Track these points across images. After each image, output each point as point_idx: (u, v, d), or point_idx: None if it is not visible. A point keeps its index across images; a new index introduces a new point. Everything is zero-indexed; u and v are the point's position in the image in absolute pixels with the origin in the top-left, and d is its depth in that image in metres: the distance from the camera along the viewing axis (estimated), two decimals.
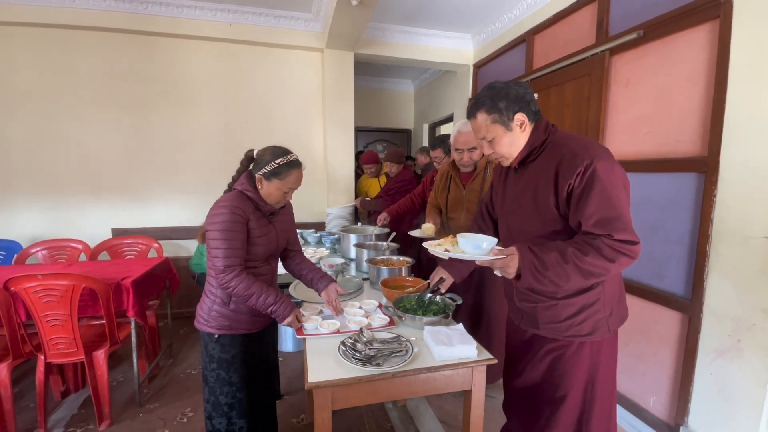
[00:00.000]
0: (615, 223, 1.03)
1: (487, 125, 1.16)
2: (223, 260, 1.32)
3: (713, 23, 1.72)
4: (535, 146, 1.18)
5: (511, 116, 1.15)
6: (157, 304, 2.73)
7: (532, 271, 1.07)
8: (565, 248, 1.06)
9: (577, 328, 1.19)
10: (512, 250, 1.11)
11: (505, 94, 1.14)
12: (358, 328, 1.34)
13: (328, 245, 2.99)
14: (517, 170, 1.28)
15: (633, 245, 1.04)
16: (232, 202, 1.36)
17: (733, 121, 1.64)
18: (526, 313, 1.30)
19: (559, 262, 1.05)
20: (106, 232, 3.37)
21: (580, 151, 1.08)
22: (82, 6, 3.02)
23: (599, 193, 1.04)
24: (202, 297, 1.50)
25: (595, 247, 1.03)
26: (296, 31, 3.53)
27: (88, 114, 3.24)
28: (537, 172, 1.19)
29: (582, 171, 1.06)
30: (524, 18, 3.08)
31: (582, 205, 1.06)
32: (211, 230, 1.34)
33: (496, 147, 1.19)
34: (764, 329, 1.55)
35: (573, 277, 1.06)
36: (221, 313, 1.43)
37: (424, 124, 5.54)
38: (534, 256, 1.07)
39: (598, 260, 1.03)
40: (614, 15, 2.27)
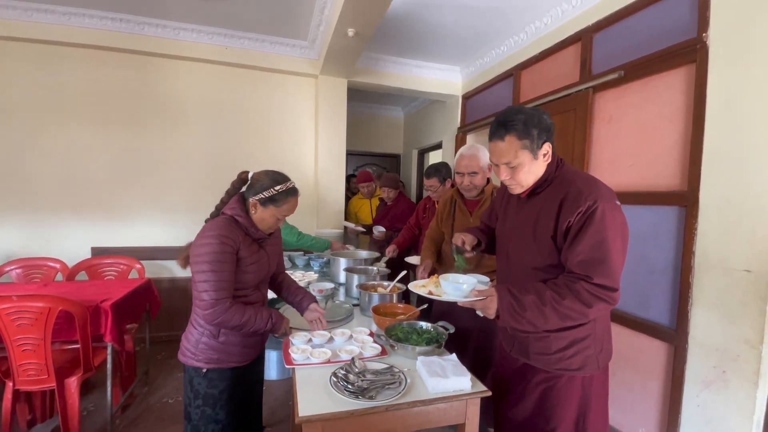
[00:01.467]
0: (598, 266, 1.04)
1: (516, 150, 1.12)
2: (213, 294, 1.25)
3: (690, 67, 1.84)
4: (546, 179, 1.18)
5: (540, 145, 1.13)
6: (135, 327, 2.61)
7: (511, 312, 1.10)
8: (544, 291, 1.08)
9: (567, 361, 1.19)
10: (491, 291, 1.14)
11: (537, 121, 1.11)
12: (349, 358, 1.31)
13: (317, 268, 2.95)
14: (520, 199, 1.28)
15: (611, 291, 1.05)
16: (220, 230, 1.28)
17: (711, 158, 1.73)
18: (518, 342, 1.30)
19: (537, 304, 1.07)
20: (86, 250, 3.26)
21: (586, 190, 1.09)
22: (77, 24, 3.03)
23: (593, 234, 1.05)
24: (188, 327, 1.41)
25: (574, 290, 1.05)
26: (291, 57, 3.60)
27: (74, 130, 3.20)
28: (541, 204, 1.19)
29: (583, 210, 1.06)
30: (511, 54, 3.23)
31: (574, 243, 1.07)
32: (198, 261, 1.26)
33: (519, 174, 1.16)
34: (748, 361, 1.58)
35: (551, 319, 1.08)
36: (210, 346, 1.35)
37: (413, 150, 5.64)
38: (512, 298, 1.10)
39: (575, 304, 1.05)
40: (596, 55, 2.40)
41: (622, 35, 2.22)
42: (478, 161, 1.89)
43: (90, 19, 3.03)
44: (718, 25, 1.71)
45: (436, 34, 3.19)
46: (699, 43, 1.78)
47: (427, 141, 5.13)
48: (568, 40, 2.60)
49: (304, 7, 2.85)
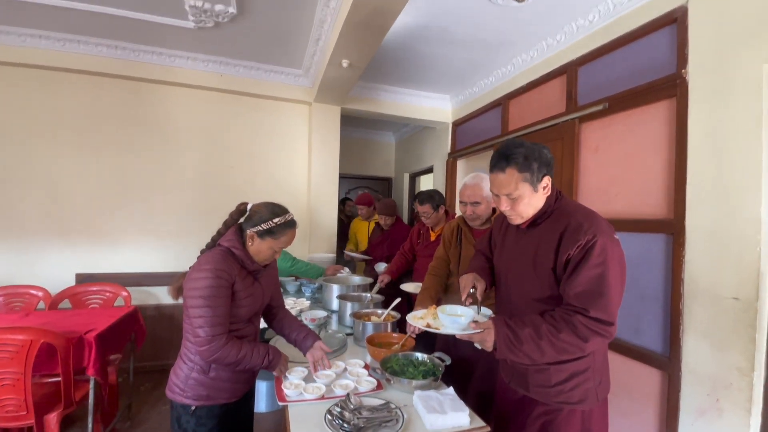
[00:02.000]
0: (595, 300, 1.05)
1: (516, 182, 1.15)
2: (209, 330, 1.22)
3: (671, 101, 1.93)
4: (546, 211, 1.20)
5: (540, 178, 1.16)
6: (119, 358, 2.52)
7: (508, 344, 1.10)
8: (540, 324, 1.09)
9: (566, 394, 1.18)
10: (489, 324, 1.14)
11: (538, 155, 1.15)
12: (344, 393, 1.28)
13: (309, 294, 2.91)
14: (519, 230, 1.29)
15: (607, 326, 1.05)
16: (216, 264, 1.26)
17: (695, 188, 1.79)
18: (518, 373, 1.29)
19: (533, 337, 1.08)
20: (70, 277, 3.17)
21: (585, 223, 1.11)
22: (72, 50, 3.05)
23: (592, 267, 1.06)
24: (178, 362, 1.36)
25: (570, 324, 1.06)
26: (286, 85, 3.67)
27: (63, 154, 3.16)
28: (540, 235, 1.20)
29: (583, 244, 1.08)
30: (499, 84, 3.34)
31: (573, 276, 1.08)
32: (194, 296, 1.23)
33: (519, 206, 1.18)
34: (741, 389, 1.59)
35: (547, 352, 1.08)
36: (200, 382, 1.31)
37: (404, 174, 5.71)
38: (509, 331, 1.10)
39: (571, 338, 1.05)
40: (581, 87, 2.50)
41: (606, 69, 2.33)
42: (481, 191, 1.86)
43: (85, 46, 3.06)
44: (697, 62, 1.81)
45: (427, 64, 3.30)
46: (679, 78, 1.87)
47: (418, 165, 5.21)
48: (554, 72, 2.71)
49: (299, 37, 2.93)
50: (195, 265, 1.30)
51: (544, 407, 1.23)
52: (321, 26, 2.65)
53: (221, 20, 2.65)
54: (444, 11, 2.44)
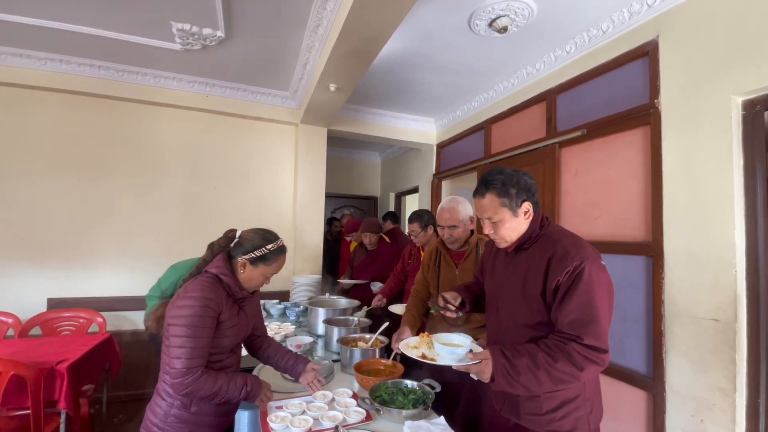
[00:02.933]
0: (588, 327, 1.06)
1: (495, 207, 1.20)
2: (186, 362, 1.15)
3: (645, 128, 2.02)
4: (531, 236, 1.23)
5: (519, 203, 1.20)
6: (92, 389, 2.39)
7: (505, 376, 1.08)
8: (536, 353, 1.08)
9: (558, 423, 1.18)
10: (486, 354, 1.12)
11: (516, 182, 1.19)
12: (332, 426, 1.25)
13: (293, 318, 2.86)
14: (508, 254, 1.32)
15: (601, 353, 1.06)
16: (203, 292, 1.21)
17: (671, 212, 1.86)
18: (509, 401, 1.28)
19: (530, 368, 1.07)
20: (41, 302, 3.02)
21: (572, 249, 1.13)
22: (54, 69, 3.00)
23: (582, 294, 1.07)
24: (155, 398, 1.28)
25: (565, 352, 1.06)
26: (272, 107, 3.69)
27: (40, 175, 3.07)
28: (528, 261, 1.22)
29: (571, 270, 1.09)
30: (482, 109, 3.44)
31: (563, 303, 1.09)
32: (177, 324, 1.18)
33: (500, 230, 1.22)
34: (723, 409, 1.61)
35: (544, 382, 1.07)
36: (181, 419, 1.23)
37: (390, 193, 5.75)
38: (506, 361, 1.09)
39: (567, 367, 1.05)
40: (560, 114, 2.60)
41: (583, 97, 2.43)
42: (457, 215, 1.89)
43: (68, 65, 3.02)
44: (668, 93, 1.91)
45: (412, 89, 3.38)
46: (652, 108, 1.97)
47: (403, 185, 5.26)
48: (534, 99, 2.81)
49: (286, 61, 2.97)
50: (180, 292, 1.25)
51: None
52: (309, 51, 2.70)
53: (209, 43, 2.67)
54: (428, 40, 2.52)
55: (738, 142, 1.66)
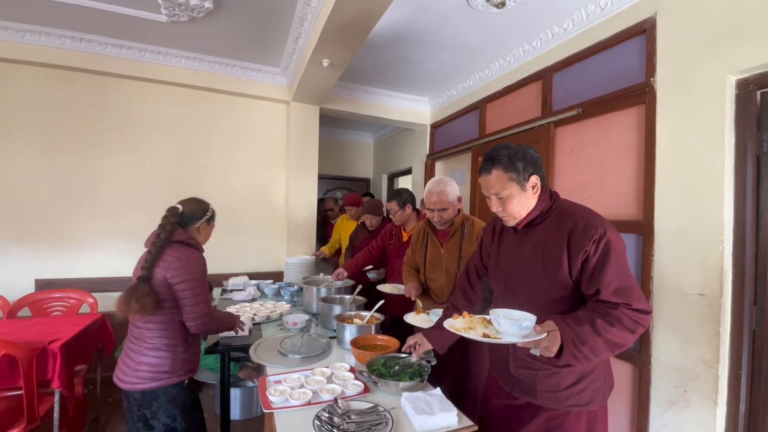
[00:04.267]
0: (632, 292, 1.06)
1: (503, 183, 1.18)
2: (205, 306, 1.53)
3: (640, 107, 2.02)
4: (544, 210, 1.21)
5: (527, 177, 1.17)
6: (85, 369, 2.38)
7: (572, 346, 1.02)
8: (594, 319, 1.03)
9: (576, 397, 1.18)
10: (552, 325, 1.03)
11: (522, 155, 1.17)
12: (331, 398, 1.26)
13: (287, 297, 2.86)
14: (518, 232, 1.29)
15: (647, 315, 1.07)
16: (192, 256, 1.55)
17: (663, 190, 1.88)
18: (521, 381, 1.26)
19: (592, 334, 1.02)
20: (29, 283, 2.97)
21: (593, 220, 1.12)
22: (32, 42, 2.86)
23: (615, 262, 1.07)
24: (153, 355, 1.48)
25: (617, 317, 1.03)
26: (263, 83, 3.59)
27: (20, 152, 2.96)
28: (544, 236, 1.20)
29: (597, 239, 1.08)
30: (477, 88, 3.41)
31: (600, 274, 1.07)
32: (186, 281, 1.49)
33: (508, 205, 1.20)
34: (707, 380, 1.68)
35: (602, 350, 1.04)
36: (185, 359, 1.55)
37: (383, 175, 5.72)
38: (572, 331, 1.02)
39: (622, 332, 1.03)
40: (556, 93, 2.59)
41: (579, 76, 2.41)
42: (446, 197, 1.90)
43: (47, 37, 2.88)
44: (664, 71, 1.91)
45: (407, 66, 3.32)
46: (647, 86, 1.97)
47: (396, 166, 5.23)
48: (530, 78, 2.79)
49: (278, 35, 2.88)
50: (172, 262, 1.49)
51: (549, 413, 1.22)
52: (301, 24, 2.61)
53: (196, 15, 2.57)
54: (424, 13, 2.46)
55: (731, 121, 1.67)
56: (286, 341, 1.78)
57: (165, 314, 1.48)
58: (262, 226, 3.77)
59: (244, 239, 3.67)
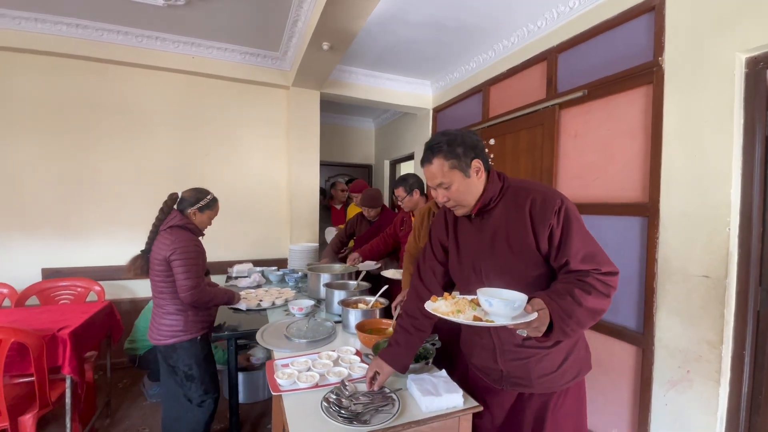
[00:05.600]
0: (599, 256, 1.06)
1: (444, 171, 1.14)
2: (192, 281, 1.78)
3: (647, 87, 1.98)
4: (495, 193, 1.18)
5: (469, 162, 1.14)
6: (95, 355, 2.42)
7: (561, 322, 0.98)
8: (572, 290, 1.00)
9: (569, 373, 1.19)
10: (540, 303, 0.98)
11: (461, 141, 1.14)
12: (338, 381, 1.28)
13: (292, 284, 2.88)
14: (472, 220, 1.25)
15: (616, 276, 1.06)
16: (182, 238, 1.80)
17: (669, 172, 1.86)
18: (512, 374, 1.23)
19: (574, 305, 0.98)
20: (36, 273, 3.00)
21: (548, 192, 1.12)
22: (28, 29, 2.82)
23: (578, 230, 1.07)
24: (165, 318, 1.83)
25: (591, 285, 1.01)
26: (262, 68, 3.54)
27: (22, 141, 2.95)
28: (503, 218, 1.17)
29: (557, 210, 1.07)
30: (480, 70, 3.34)
31: (566, 244, 1.06)
32: (178, 259, 1.76)
33: (454, 194, 1.16)
34: (710, 360, 1.69)
35: (586, 320, 1.01)
36: (194, 319, 1.87)
37: (385, 161, 5.68)
38: (557, 306, 0.98)
39: (598, 298, 1.01)
40: (561, 74, 2.54)
41: (585, 56, 2.36)
42: None
43: (43, 24, 2.84)
44: (673, 50, 1.86)
45: (408, 49, 3.25)
46: (655, 66, 1.93)
47: (398, 152, 5.19)
48: (534, 59, 2.73)
49: (276, 19, 2.82)
50: (168, 243, 1.78)
51: (542, 398, 1.21)
52: (300, 6, 2.56)
53: None
54: None
55: (740, 101, 1.64)
56: (292, 326, 1.81)
57: (173, 287, 1.81)
58: (265, 213, 3.77)
59: (247, 226, 3.68)
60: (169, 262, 1.77)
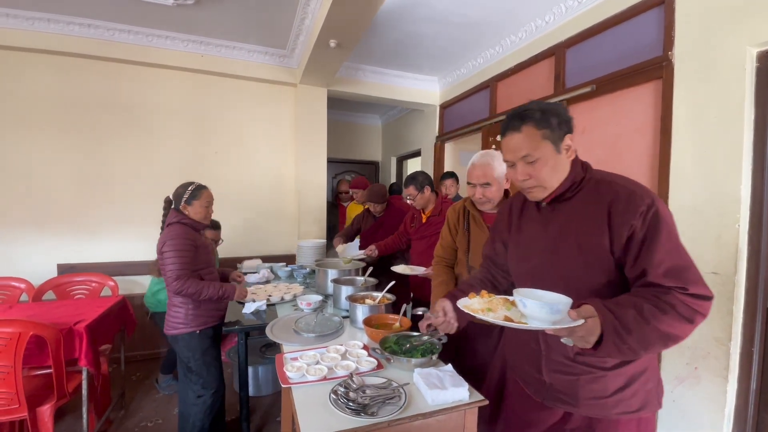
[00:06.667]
0: (687, 273, 0.87)
1: (536, 141, 0.97)
2: (175, 272, 1.82)
3: (657, 83, 1.97)
4: (576, 181, 1.01)
5: (562, 136, 0.98)
6: (109, 348, 2.49)
7: (614, 336, 0.83)
8: (641, 304, 0.85)
9: (626, 403, 1.00)
10: (590, 309, 0.84)
11: (556, 111, 0.98)
12: (346, 374, 1.31)
13: (300, 279, 2.92)
14: (541, 211, 1.10)
15: (708, 301, 0.87)
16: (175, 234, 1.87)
17: (678, 169, 1.85)
18: (557, 388, 1.08)
19: (639, 322, 0.83)
20: (51, 268, 3.08)
21: (636, 189, 0.94)
22: (41, 29, 2.88)
23: (667, 238, 0.88)
24: (170, 312, 1.94)
25: (670, 303, 0.84)
26: (270, 66, 3.57)
27: (37, 140, 3.03)
28: (576, 213, 1.00)
29: (644, 211, 0.90)
30: (488, 66, 3.33)
31: (648, 252, 0.88)
32: (166, 251, 1.84)
33: (539, 170, 0.99)
34: (718, 357, 1.69)
35: (652, 342, 0.85)
36: (195, 313, 1.93)
37: (392, 157, 5.69)
38: (615, 317, 0.83)
39: (676, 320, 0.84)
40: (569, 70, 2.52)
41: (594, 51, 2.35)
42: (492, 171, 1.64)
43: (56, 25, 2.90)
44: (683, 44, 1.84)
45: (415, 45, 3.26)
46: (665, 60, 1.91)
47: (405, 148, 5.19)
48: (542, 54, 2.71)
49: (283, 17, 2.84)
50: (162, 238, 1.89)
51: (592, 421, 1.05)
52: (307, 4, 2.57)
53: None
54: None
55: (750, 96, 1.62)
56: (300, 320, 1.83)
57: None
58: (274, 210, 3.81)
59: (256, 223, 3.73)
60: (162, 253, 1.87)
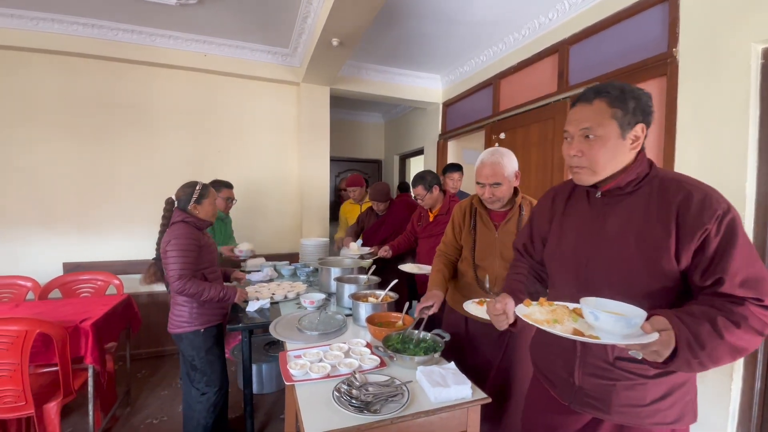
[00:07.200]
0: (764, 284, 0.83)
1: (603, 117, 0.92)
2: (178, 272, 1.82)
3: (661, 80, 1.95)
4: (639, 175, 0.95)
5: (633, 124, 0.92)
6: (115, 346, 2.51)
7: (688, 351, 0.78)
8: (714, 317, 0.80)
9: (663, 414, 0.95)
10: (664, 322, 0.79)
11: (637, 96, 0.92)
12: (349, 372, 1.31)
13: (303, 278, 2.93)
14: (593, 203, 1.03)
15: None
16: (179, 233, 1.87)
17: (683, 165, 1.84)
18: (587, 392, 1.02)
19: (713, 336, 0.78)
20: (57, 267, 3.11)
21: (712, 192, 0.87)
22: (46, 29, 2.90)
23: (743, 246, 0.83)
24: (174, 309, 1.95)
25: (743, 315, 0.80)
26: (273, 65, 3.58)
27: (42, 140, 3.04)
28: (638, 209, 0.94)
29: (721, 216, 0.84)
30: (491, 63, 3.32)
31: (724, 260, 0.83)
32: (169, 251, 1.84)
33: (595, 150, 0.94)
34: None
35: (723, 356, 0.80)
36: (199, 311, 1.95)
37: (394, 156, 5.69)
38: (689, 331, 0.78)
39: (748, 333, 0.80)
40: (573, 67, 2.51)
41: (598, 48, 2.33)
42: (502, 169, 1.59)
43: (60, 25, 2.91)
44: (687, 41, 1.83)
45: (417, 43, 3.25)
46: (669, 57, 1.89)
47: (408, 147, 5.19)
48: (546, 51, 2.70)
49: (285, 15, 2.84)
50: (166, 237, 1.88)
51: (620, 429, 1.00)
52: (309, 3, 2.57)
53: None
54: None
55: (755, 92, 1.61)
56: (304, 319, 1.84)
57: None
58: (277, 208, 3.83)
59: (259, 222, 3.74)
60: (165, 252, 1.87)
